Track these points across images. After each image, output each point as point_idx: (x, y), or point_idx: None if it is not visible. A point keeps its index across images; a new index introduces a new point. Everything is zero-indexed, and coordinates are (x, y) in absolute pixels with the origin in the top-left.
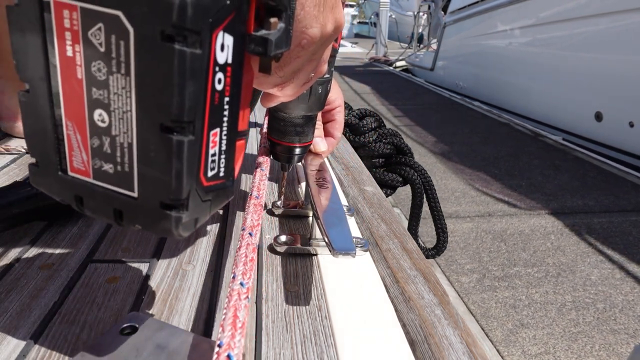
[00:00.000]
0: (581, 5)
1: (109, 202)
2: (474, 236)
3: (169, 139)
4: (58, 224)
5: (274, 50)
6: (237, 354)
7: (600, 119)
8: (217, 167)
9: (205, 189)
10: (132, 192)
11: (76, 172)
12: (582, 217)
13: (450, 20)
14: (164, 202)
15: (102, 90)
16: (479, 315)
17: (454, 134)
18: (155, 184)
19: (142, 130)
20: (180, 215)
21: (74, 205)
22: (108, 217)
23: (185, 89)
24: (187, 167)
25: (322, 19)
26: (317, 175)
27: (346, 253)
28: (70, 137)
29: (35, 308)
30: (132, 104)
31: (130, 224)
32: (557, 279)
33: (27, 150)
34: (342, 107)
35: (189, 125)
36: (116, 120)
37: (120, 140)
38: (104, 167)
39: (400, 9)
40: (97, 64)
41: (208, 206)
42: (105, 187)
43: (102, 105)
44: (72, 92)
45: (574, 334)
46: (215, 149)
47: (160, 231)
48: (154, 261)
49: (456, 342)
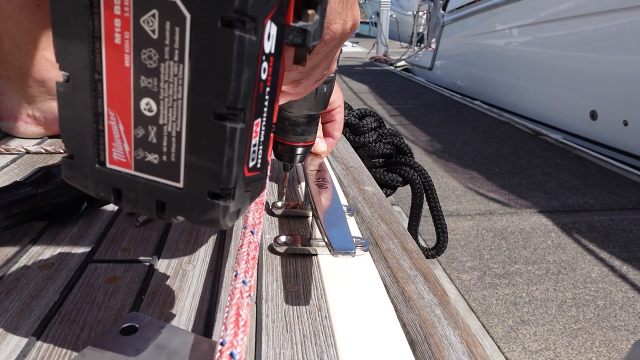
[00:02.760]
0: (577, 4)
1: (151, 194)
2: (474, 234)
3: (223, 126)
4: (58, 224)
5: (311, 41)
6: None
7: (595, 117)
8: (257, 158)
9: (246, 179)
10: (178, 182)
11: (116, 164)
12: (583, 215)
13: (448, 19)
14: (212, 191)
15: (151, 79)
16: (480, 312)
17: (455, 133)
18: (204, 173)
19: (194, 118)
20: (227, 205)
21: (111, 199)
22: (149, 209)
23: (242, 75)
24: (237, 155)
25: (345, 15)
26: (316, 176)
27: (346, 253)
28: (112, 128)
29: (35, 308)
30: (184, 91)
31: (173, 216)
32: (557, 277)
33: (27, 150)
34: (342, 107)
35: (242, 112)
36: (165, 108)
37: (167, 129)
38: (147, 157)
39: (401, 8)
40: (147, 51)
41: (248, 197)
42: (147, 178)
43: (150, 94)
44: (118, 80)
45: (574, 330)
46: (257, 139)
47: (205, 222)
48: (154, 261)
49: (456, 342)
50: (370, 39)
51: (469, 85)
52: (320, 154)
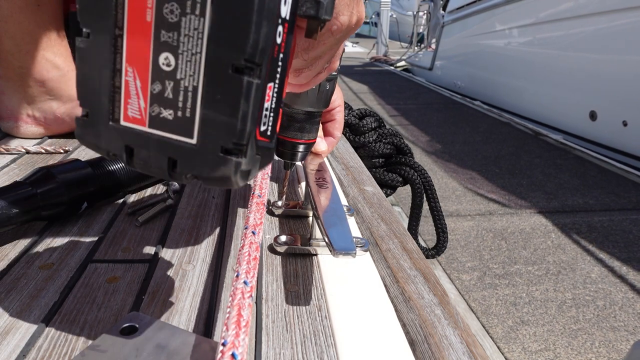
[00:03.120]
0: (576, 5)
1: (164, 151)
2: (474, 234)
3: (240, 79)
4: (58, 224)
5: (324, 14)
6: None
7: (594, 118)
8: (267, 124)
9: (258, 142)
10: (191, 138)
11: (130, 121)
12: (583, 216)
13: (448, 19)
14: (225, 146)
15: (171, 33)
16: (480, 312)
17: (455, 134)
18: (218, 128)
19: (211, 72)
20: (240, 161)
21: (123, 157)
22: (160, 167)
23: (261, 29)
24: (252, 110)
25: (352, 8)
26: (316, 175)
27: (346, 253)
28: (129, 84)
29: (35, 308)
30: (204, 45)
31: (184, 173)
32: (557, 277)
33: (27, 150)
34: (342, 106)
35: (259, 68)
36: (183, 62)
37: (184, 83)
38: (162, 113)
39: (401, 8)
40: (170, 5)
41: (259, 161)
42: (161, 135)
43: (169, 48)
44: (138, 36)
45: (574, 331)
46: (269, 104)
47: (217, 179)
48: (154, 261)
49: (456, 342)
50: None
51: (468, 86)
52: (320, 154)
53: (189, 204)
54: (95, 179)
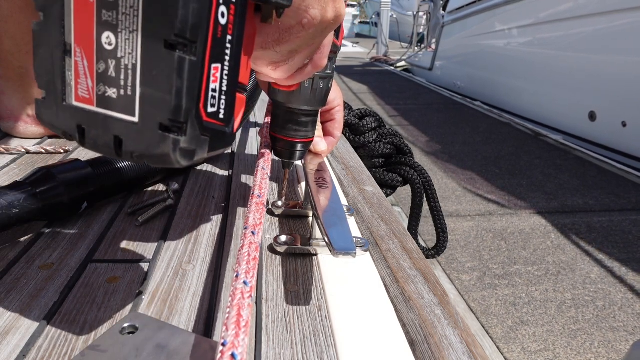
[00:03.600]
0: (576, 5)
1: (110, 129)
2: (474, 235)
3: (172, 55)
4: (58, 224)
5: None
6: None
7: (593, 118)
8: (218, 106)
9: (204, 123)
10: (133, 116)
11: (81, 101)
12: (582, 216)
13: (448, 20)
14: (163, 123)
15: (111, 12)
16: (480, 312)
17: (455, 134)
18: (155, 105)
19: (147, 49)
20: (178, 139)
21: (76, 137)
22: (108, 146)
23: (189, 3)
24: (187, 87)
25: (324, 2)
26: (317, 175)
27: (346, 253)
28: (78, 64)
29: (35, 308)
30: (139, 22)
31: (129, 153)
32: (557, 277)
33: (27, 150)
34: (341, 106)
35: (192, 44)
36: (122, 41)
37: (125, 62)
38: (107, 92)
39: (402, 8)
40: None
41: (206, 143)
42: (107, 114)
43: (110, 27)
44: (83, 16)
45: (574, 331)
46: (216, 85)
47: (158, 157)
48: (154, 261)
49: (456, 342)
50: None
51: (468, 86)
52: (320, 154)
53: (188, 204)
54: (95, 179)
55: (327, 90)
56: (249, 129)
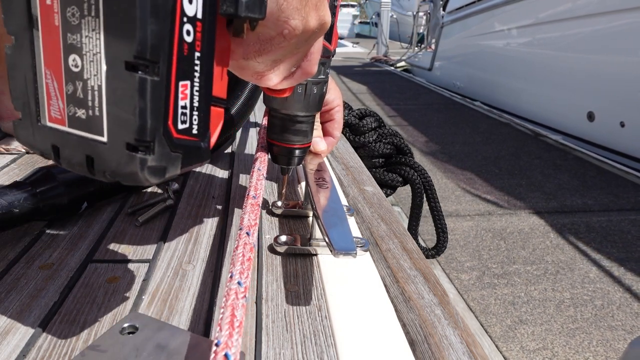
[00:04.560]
0: (575, 5)
1: (82, 149)
2: (473, 234)
3: (133, 76)
4: (58, 224)
5: (244, 11)
6: (235, 353)
7: (592, 119)
8: (189, 123)
9: (175, 140)
10: (102, 136)
11: (54, 121)
12: (581, 216)
13: (447, 20)
14: (129, 142)
15: (75, 35)
16: (479, 311)
17: (455, 134)
18: (121, 125)
19: (110, 71)
20: (145, 158)
21: (52, 156)
22: (81, 165)
23: (147, 25)
24: (151, 106)
25: (304, 12)
26: (316, 175)
27: (347, 253)
28: (49, 86)
29: (35, 308)
30: (101, 45)
31: (101, 172)
32: (555, 277)
33: (27, 150)
34: (340, 106)
35: (154, 65)
36: (87, 63)
37: (91, 83)
38: (77, 113)
39: (402, 8)
40: (71, 9)
41: (178, 159)
42: (78, 134)
43: (75, 50)
44: (51, 40)
45: (572, 330)
46: (186, 102)
47: (127, 176)
48: (154, 261)
49: (456, 342)
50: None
51: (467, 86)
52: (320, 154)
53: (189, 204)
54: (95, 179)
55: (321, 95)
56: (249, 129)
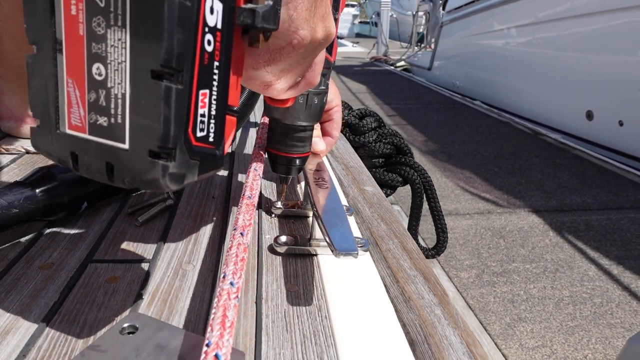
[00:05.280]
0: (573, 5)
1: (102, 156)
2: (473, 233)
3: (159, 84)
4: (58, 224)
5: (261, 22)
6: (225, 354)
7: (591, 118)
8: (207, 130)
9: (194, 148)
10: (124, 144)
11: (74, 129)
12: (581, 214)
13: (447, 19)
14: (152, 150)
15: (100, 44)
16: (478, 309)
17: (455, 133)
18: (144, 132)
19: (135, 79)
20: (167, 165)
21: (70, 163)
22: (100, 172)
23: (174, 35)
24: (175, 114)
25: (313, 23)
26: (316, 175)
27: (348, 253)
28: (70, 94)
29: (35, 308)
30: (127, 54)
31: (120, 178)
32: (555, 275)
33: (27, 150)
34: (339, 106)
35: (178, 73)
36: (112, 72)
37: (114, 91)
38: (99, 120)
39: (402, 8)
40: (97, 19)
41: (196, 166)
42: (98, 141)
43: (100, 59)
44: (74, 49)
45: (571, 327)
46: (205, 110)
47: (147, 182)
48: (154, 261)
49: (456, 342)
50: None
51: (467, 86)
52: (319, 153)
53: (189, 204)
54: None
55: (321, 106)
56: (249, 128)
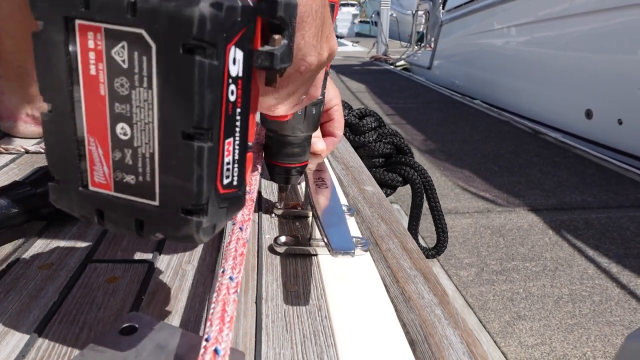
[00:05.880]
0: (572, 4)
1: (130, 212)
2: (472, 231)
3: (191, 145)
4: (58, 224)
5: (279, 63)
6: (225, 348)
7: (590, 116)
8: (232, 176)
9: (221, 196)
10: (154, 201)
11: (97, 186)
12: (580, 213)
13: (446, 18)
14: (185, 207)
15: (124, 105)
16: (477, 307)
17: (455, 132)
18: (176, 191)
19: (164, 140)
20: (200, 220)
21: (95, 219)
22: (129, 228)
23: (205, 97)
24: (207, 172)
25: (320, 48)
26: (316, 175)
27: (345, 252)
28: (92, 152)
29: (34, 308)
30: (155, 115)
31: (151, 233)
32: (554, 273)
33: (26, 150)
34: (339, 105)
35: (208, 132)
36: (138, 132)
37: (142, 151)
38: (125, 178)
39: (401, 7)
40: (120, 80)
41: (224, 213)
42: (126, 198)
43: (124, 119)
44: (95, 108)
45: (570, 325)
46: (230, 157)
47: (181, 238)
48: (154, 261)
49: (456, 342)
50: (371, 38)
51: (466, 85)
52: (319, 154)
53: None
54: None
55: (318, 115)
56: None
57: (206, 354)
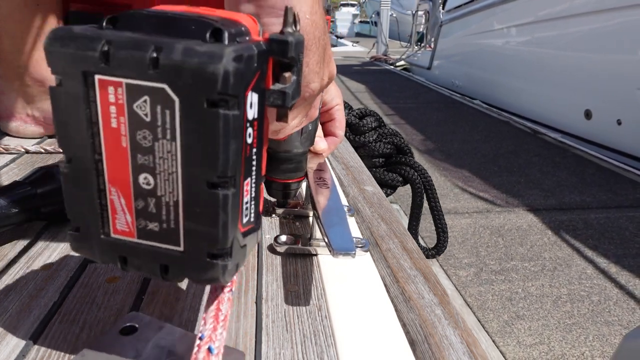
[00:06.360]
0: (571, 4)
1: (155, 258)
2: (472, 231)
3: (216, 194)
4: (58, 224)
5: (290, 101)
6: (218, 347)
7: (589, 117)
8: (249, 214)
9: (242, 235)
10: (178, 246)
11: (119, 233)
12: (579, 213)
13: (446, 19)
14: (211, 252)
15: (147, 156)
16: (476, 307)
17: (454, 132)
18: (202, 237)
19: (188, 189)
20: (226, 263)
21: (118, 265)
22: (154, 273)
23: (229, 147)
24: (231, 218)
25: (322, 74)
26: (317, 175)
27: (346, 253)
28: (114, 202)
29: (34, 308)
30: (178, 165)
31: (177, 277)
32: (553, 273)
33: (27, 150)
34: (340, 105)
35: (231, 179)
36: (162, 181)
37: (165, 199)
38: (149, 226)
39: (401, 7)
40: (142, 132)
41: (245, 251)
42: (150, 244)
43: (147, 170)
44: (116, 160)
45: (569, 325)
46: (248, 197)
47: (207, 280)
48: None
49: (456, 342)
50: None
51: (466, 85)
52: (320, 154)
53: None
54: None
55: (314, 131)
56: None
57: (200, 353)
